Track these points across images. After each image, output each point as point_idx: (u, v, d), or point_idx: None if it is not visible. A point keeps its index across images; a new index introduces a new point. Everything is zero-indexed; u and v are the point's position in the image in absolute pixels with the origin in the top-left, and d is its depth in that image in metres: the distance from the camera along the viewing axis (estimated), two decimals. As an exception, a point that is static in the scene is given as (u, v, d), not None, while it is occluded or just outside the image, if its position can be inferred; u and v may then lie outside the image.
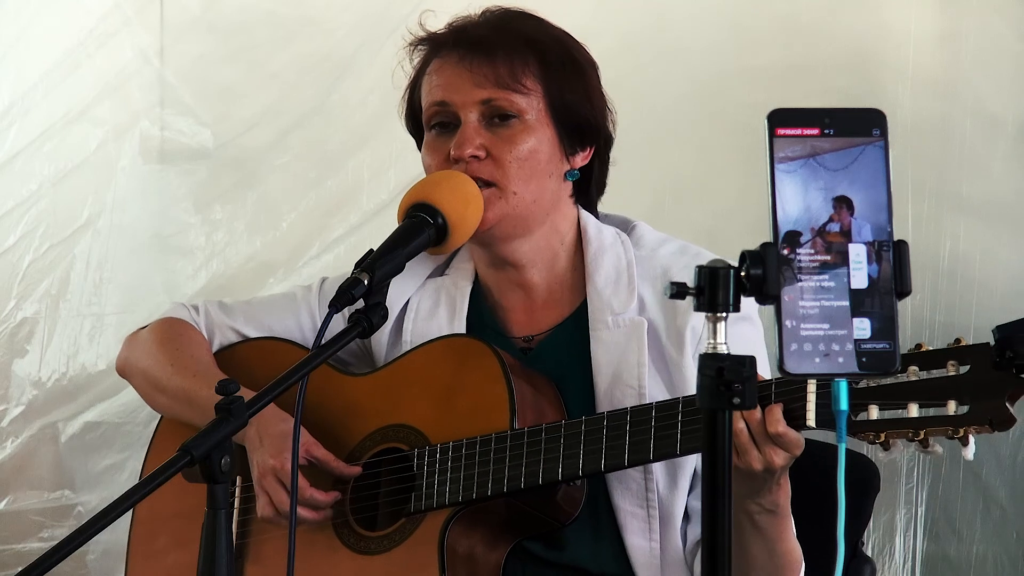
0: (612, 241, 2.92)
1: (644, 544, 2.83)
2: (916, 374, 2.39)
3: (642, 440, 2.67)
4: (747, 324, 2.80)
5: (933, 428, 2.39)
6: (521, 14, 2.93)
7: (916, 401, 2.39)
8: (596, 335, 2.87)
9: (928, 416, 2.39)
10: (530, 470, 2.74)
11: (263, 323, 3.09)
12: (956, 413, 2.37)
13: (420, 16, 2.93)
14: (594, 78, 2.92)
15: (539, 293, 2.94)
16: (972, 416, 2.36)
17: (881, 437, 2.42)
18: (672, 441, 2.65)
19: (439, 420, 2.86)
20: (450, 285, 2.99)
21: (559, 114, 2.86)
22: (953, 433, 2.38)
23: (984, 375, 2.34)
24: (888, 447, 2.43)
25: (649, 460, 2.70)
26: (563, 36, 2.93)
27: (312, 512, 2.87)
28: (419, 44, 2.93)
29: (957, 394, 2.37)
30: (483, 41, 2.86)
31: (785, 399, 2.53)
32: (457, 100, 2.85)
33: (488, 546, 2.84)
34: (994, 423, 2.35)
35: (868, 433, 2.43)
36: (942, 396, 2.38)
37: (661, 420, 2.67)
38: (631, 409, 2.71)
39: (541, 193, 2.86)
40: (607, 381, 2.84)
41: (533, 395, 2.83)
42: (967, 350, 2.37)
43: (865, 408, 2.42)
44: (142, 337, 3.13)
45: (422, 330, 2.96)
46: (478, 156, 2.83)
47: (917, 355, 2.39)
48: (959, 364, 2.36)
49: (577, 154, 2.90)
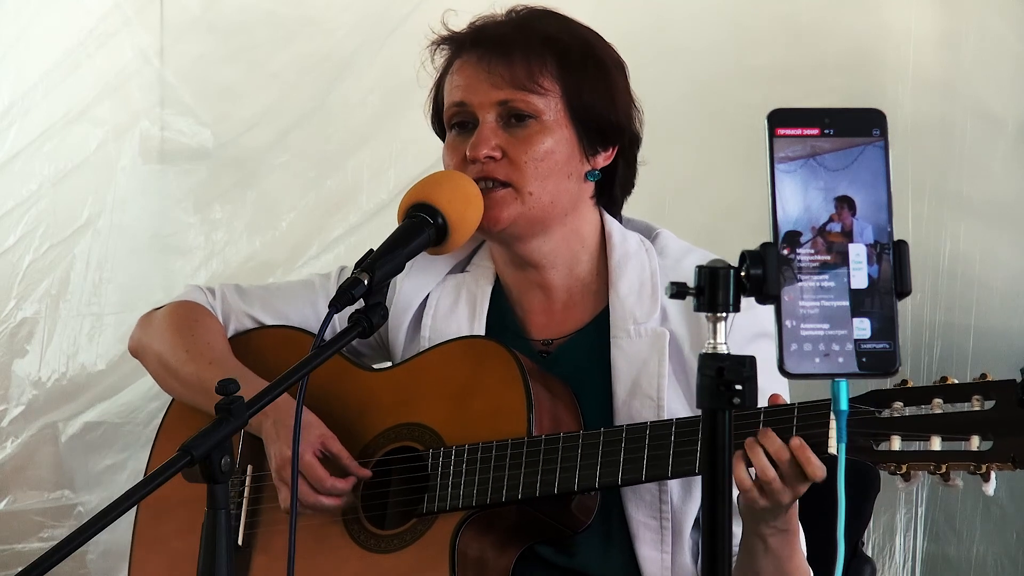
0: (637, 249, 2.90)
1: (656, 555, 2.82)
2: (940, 407, 2.39)
3: (660, 456, 2.66)
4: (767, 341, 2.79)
5: (955, 463, 2.38)
6: (544, 13, 2.91)
7: (939, 434, 2.39)
8: (617, 343, 2.85)
9: (951, 450, 2.38)
10: (546, 479, 2.73)
11: (279, 310, 3.08)
12: (979, 449, 2.36)
13: (443, 15, 2.92)
14: (619, 77, 2.90)
15: (559, 295, 2.93)
16: (995, 453, 2.35)
17: (903, 468, 2.41)
18: (692, 459, 2.63)
19: (454, 421, 2.85)
20: (471, 283, 2.98)
21: (578, 114, 2.84)
22: (975, 469, 2.37)
23: (1009, 412, 2.34)
24: (909, 478, 2.42)
25: (667, 477, 2.69)
26: (587, 35, 2.91)
27: (334, 499, 2.86)
28: (441, 44, 2.93)
29: (981, 429, 2.36)
30: (501, 41, 2.85)
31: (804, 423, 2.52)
32: (475, 101, 2.84)
33: (498, 551, 2.83)
34: (1017, 461, 2.34)
35: (890, 464, 2.42)
36: (966, 431, 2.37)
37: (681, 437, 2.65)
38: (651, 424, 2.69)
39: (558, 194, 2.84)
40: (625, 390, 2.83)
41: (550, 400, 2.82)
42: (992, 386, 2.36)
43: (887, 439, 2.41)
44: (157, 319, 3.11)
45: (442, 327, 2.95)
46: (494, 157, 2.82)
47: (942, 388, 2.39)
48: (984, 399, 2.36)
49: (599, 154, 2.88)
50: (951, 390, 2.38)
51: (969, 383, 2.38)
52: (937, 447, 2.38)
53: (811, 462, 2.50)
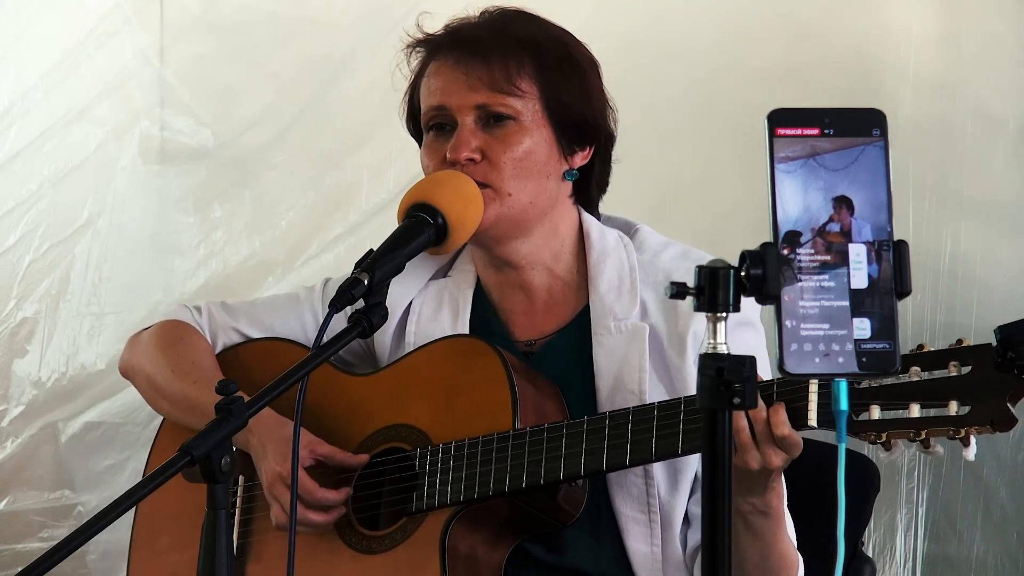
0: (615, 245, 2.92)
1: (645, 549, 2.83)
2: (918, 374, 2.39)
3: (644, 440, 2.67)
4: (748, 329, 2.81)
5: (935, 428, 2.39)
6: (519, 14, 2.92)
7: (918, 401, 2.40)
8: (598, 340, 2.87)
9: (930, 416, 2.40)
10: (532, 469, 2.74)
11: (266, 324, 3.09)
12: (958, 413, 2.38)
13: (417, 18, 2.93)
14: (594, 77, 2.92)
15: (540, 295, 2.94)
16: (973, 416, 2.36)
17: (883, 437, 2.42)
18: (674, 441, 2.65)
19: (441, 420, 2.86)
20: (452, 287, 2.99)
21: (556, 114, 2.86)
22: (955, 434, 2.38)
23: (986, 375, 2.35)
24: (889, 447, 2.43)
25: (651, 460, 2.71)
26: (561, 35, 2.92)
27: (324, 515, 2.86)
28: (417, 46, 2.93)
29: (959, 395, 2.37)
30: (478, 43, 2.85)
31: (786, 398, 2.53)
32: (453, 104, 2.85)
33: (489, 546, 2.84)
34: (995, 423, 2.35)
35: (870, 433, 2.43)
36: (944, 396, 2.38)
37: (663, 420, 2.67)
38: (633, 409, 2.71)
39: (538, 194, 2.86)
40: (608, 386, 2.84)
41: (535, 396, 2.83)
42: (969, 351, 2.37)
43: (867, 408, 2.42)
44: (144, 340, 3.13)
45: (425, 332, 2.96)
46: (473, 159, 2.83)
47: (919, 355, 2.40)
48: (961, 365, 2.37)
49: (576, 154, 2.90)
50: (928, 357, 2.39)
51: (945, 349, 2.39)
52: (916, 414, 2.39)
53: (783, 423, 2.52)
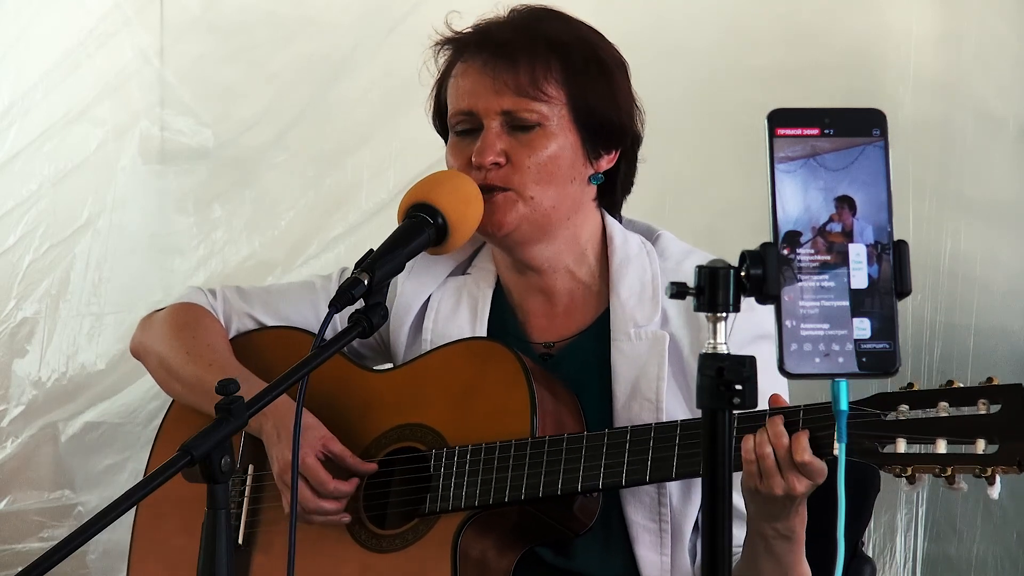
0: (638, 251, 2.90)
1: (655, 558, 2.82)
2: (946, 410, 2.39)
3: (665, 458, 2.66)
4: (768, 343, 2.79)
5: (960, 466, 2.38)
6: (547, 13, 2.90)
7: (945, 437, 2.39)
8: (617, 346, 2.85)
9: (956, 453, 2.38)
10: (549, 479, 2.73)
11: (280, 311, 3.08)
12: (985, 452, 2.37)
13: (447, 16, 2.91)
14: (621, 78, 2.89)
15: (561, 299, 2.93)
16: (1000, 456, 2.36)
17: (908, 471, 2.41)
18: (696, 461, 2.63)
19: (457, 422, 2.85)
20: (472, 285, 2.97)
21: (582, 118, 2.84)
22: (981, 472, 2.37)
23: (1015, 416, 2.34)
24: (913, 481, 2.42)
25: (671, 478, 2.70)
26: (590, 35, 2.90)
27: (336, 503, 2.86)
28: (445, 45, 2.92)
29: (986, 433, 2.36)
30: (506, 45, 2.83)
31: (812, 426, 2.52)
32: (480, 108, 2.83)
33: (500, 552, 2.83)
34: (1022, 464, 2.34)
35: (895, 467, 2.42)
36: (971, 434, 2.37)
37: (685, 439, 2.65)
38: (655, 426, 2.69)
39: (561, 199, 2.84)
40: (625, 393, 2.83)
41: (553, 402, 2.82)
42: (998, 389, 2.36)
43: (893, 441, 2.41)
44: (158, 321, 3.10)
45: (443, 330, 2.95)
46: (499, 163, 2.82)
47: (948, 392, 2.39)
48: (990, 403, 2.36)
49: (602, 157, 2.87)
50: (957, 394, 2.38)
51: (975, 387, 2.38)
52: (943, 450, 2.38)
53: (804, 450, 2.51)
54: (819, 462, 2.52)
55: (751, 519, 2.65)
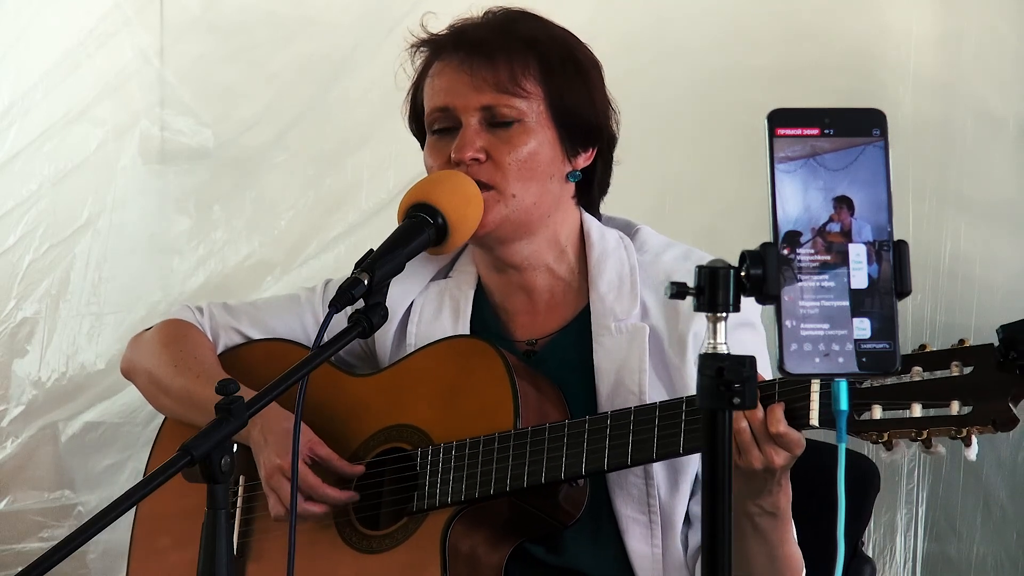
0: (615, 246, 2.92)
1: (646, 550, 2.83)
2: (919, 374, 2.39)
3: (645, 439, 2.67)
4: (748, 330, 2.81)
5: (936, 428, 2.39)
6: (523, 15, 2.92)
7: (919, 401, 2.40)
8: (598, 340, 2.87)
9: (931, 416, 2.39)
10: (533, 469, 2.74)
11: (267, 325, 3.09)
12: (959, 413, 2.37)
13: (422, 18, 2.93)
14: (597, 78, 2.92)
15: (541, 296, 2.94)
16: (975, 416, 2.36)
17: (884, 437, 2.42)
18: (676, 440, 2.65)
19: (442, 420, 2.86)
20: (453, 288, 2.99)
21: (560, 115, 2.86)
22: (956, 433, 2.38)
23: (987, 375, 2.35)
24: (891, 447, 2.43)
25: (652, 459, 2.71)
26: (565, 36, 2.92)
27: (320, 506, 2.86)
28: (421, 46, 2.93)
29: (960, 394, 2.37)
30: (483, 43, 2.85)
31: (788, 398, 2.53)
32: (458, 104, 2.84)
33: (490, 547, 2.84)
34: (997, 423, 2.35)
35: (871, 433, 2.43)
36: (945, 396, 2.38)
37: (665, 419, 2.67)
38: (635, 408, 2.71)
39: (541, 195, 2.86)
40: (609, 386, 2.85)
41: (536, 396, 2.83)
42: (970, 351, 2.37)
43: (868, 408, 2.42)
44: (146, 339, 3.13)
45: (426, 333, 2.96)
46: (478, 159, 2.82)
47: (921, 355, 2.40)
48: (963, 365, 2.37)
49: (579, 155, 2.90)
50: (930, 357, 2.39)
51: (947, 349, 2.39)
52: (918, 414, 2.39)
53: (779, 421, 2.52)
54: (795, 432, 2.54)
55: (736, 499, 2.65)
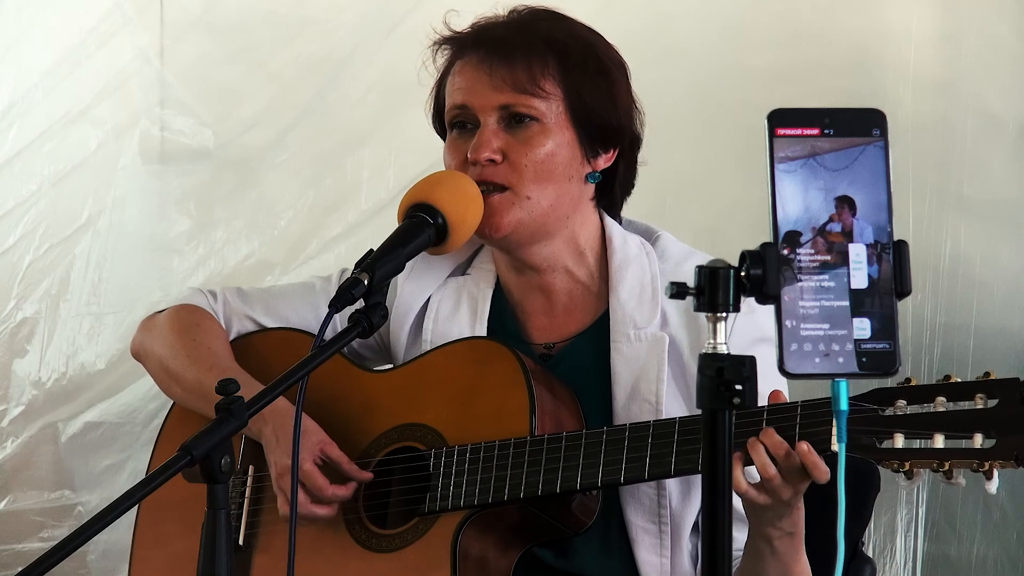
0: (637, 252, 2.90)
1: (655, 560, 2.82)
2: (943, 405, 2.39)
3: (663, 455, 2.66)
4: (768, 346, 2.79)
5: (958, 460, 2.38)
6: (546, 13, 2.90)
7: (942, 432, 2.39)
8: (617, 347, 2.85)
9: (954, 448, 2.39)
10: (548, 477, 2.73)
11: (280, 313, 3.08)
12: (982, 446, 2.37)
13: (445, 16, 2.92)
14: (620, 78, 2.89)
15: (560, 299, 2.93)
16: (998, 451, 2.36)
17: (906, 466, 2.41)
18: (694, 458, 2.63)
19: (457, 421, 2.85)
20: (472, 286, 2.97)
21: (580, 116, 2.84)
22: (978, 467, 2.37)
23: (1012, 409, 2.34)
24: (911, 476, 2.42)
25: (670, 475, 2.69)
26: (588, 36, 2.90)
27: (327, 508, 2.86)
28: (443, 44, 2.92)
29: (984, 427, 2.36)
30: (503, 42, 2.84)
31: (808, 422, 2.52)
32: (476, 103, 2.83)
33: (500, 551, 2.83)
34: (1020, 458, 2.34)
35: (892, 462, 2.42)
36: (969, 429, 2.37)
37: (683, 436, 2.65)
38: (654, 423, 2.69)
39: (558, 197, 2.84)
40: (625, 394, 2.83)
41: (552, 402, 2.82)
42: (996, 384, 2.36)
43: (890, 436, 2.41)
44: (159, 323, 3.10)
45: (443, 330, 2.95)
46: (495, 159, 2.82)
47: (945, 386, 2.39)
48: (987, 397, 2.36)
49: (599, 156, 2.87)
50: (954, 388, 2.39)
51: (972, 381, 2.38)
52: (940, 445, 2.39)
53: (817, 467, 2.50)
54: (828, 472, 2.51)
55: (757, 526, 2.64)
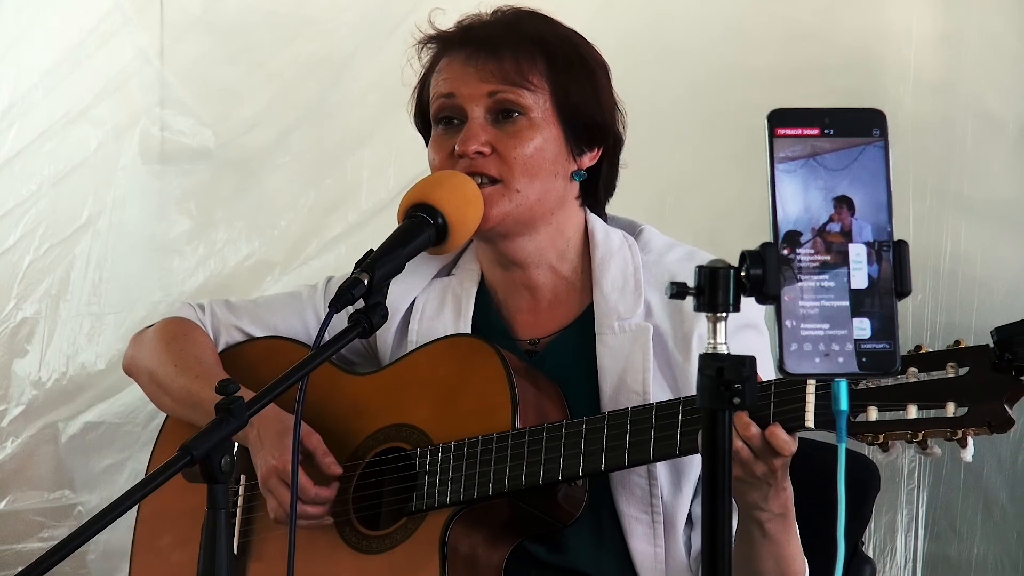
0: (619, 245, 2.92)
1: (648, 549, 2.83)
2: (915, 375, 2.39)
3: (642, 440, 2.67)
4: (752, 331, 2.80)
5: (932, 429, 2.39)
6: (531, 14, 2.93)
7: (915, 402, 2.39)
8: (602, 340, 2.86)
9: (927, 418, 2.40)
10: (531, 470, 2.74)
11: (268, 323, 3.09)
12: (955, 415, 2.37)
13: (430, 14, 2.93)
14: (604, 79, 2.91)
15: (544, 295, 2.94)
16: (971, 418, 2.36)
17: (880, 438, 2.42)
18: (672, 442, 2.65)
19: (441, 420, 2.86)
20: (456, 285, 2.99)
21: (566, 114, 2.86)
22: (952, 435, 2.38)
23: (983, 377, 2.35)
24: (887, 448, 2.43)
25: (649, 460, 2.70)
26: (573, 36, 2.92)
27: (319, 508, 2.86)
28: (428, 42, 2.93)
29: (956, 396, 2.37)
30: (490, 39, 2.86)
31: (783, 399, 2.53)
32: (464, 93, 2.84)
33: (489, 547, 2.84)
34: (993, 425, 2.35)
35: (867, 434, 2.43)
36: (941, 398, 2.38)
37: (661, 420, 2.67)
38: (632, 409, 2.71)
39: (546, 192, 2.85)
40: (612, 386, 2.84)
41: (536, 396, 2.83)
42: (966, 352, 2.37)
43: (864, 409, 2.42)
44: (147, 337, 3.13)
45: (428, 330, 2.96)
46: (483, 152, 2.83)
47: (916, 357, 2.40)
48: (958, 366, 2.37)
49: (584, 155, 2.89)
50: (925, 358, 2.39)
51: (943, 350, 2.39)
52: (913, 415, 2.39)
53: (785, 446, 2.52)
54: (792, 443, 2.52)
55: (745, 509, 2.65)
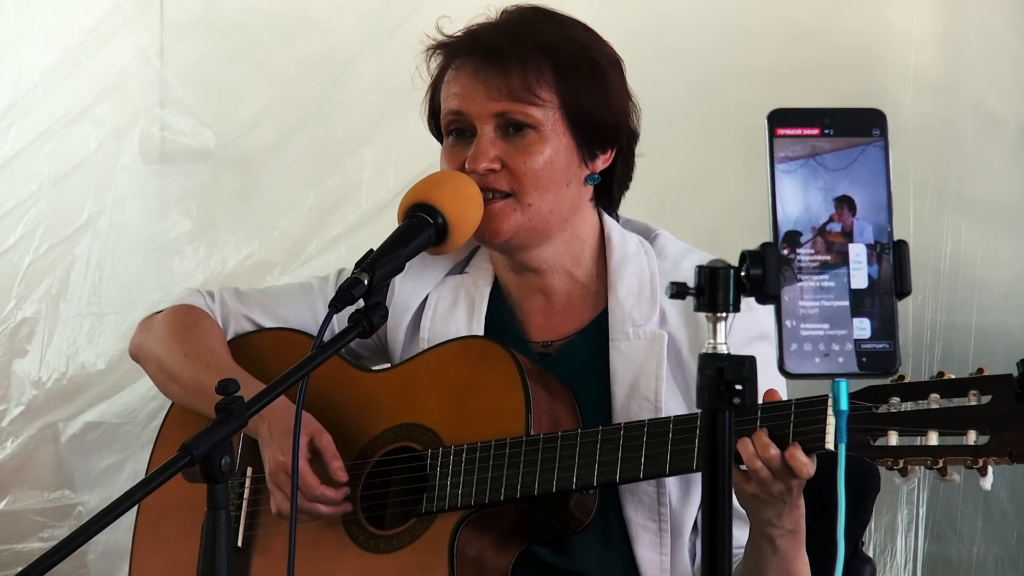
0: (636, 251, 2.90)
1: (655, 557, 2.82)
2: (937, 402, 2.39)
3: (659, 454, 2.66)
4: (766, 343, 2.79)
5: (952, 457, 2.38)
6: (538, 15, 2.89)
7: (936, 429, 2.38)
8: (615, 345, 2.85)
9: (948, 445, 2.38)
10: (544, 477, 2.73)
11: (278, 313, 3.08)
12: (976, 443, 2.36)
13: (437, 21, 2.91)
14: (615, 76, 2.88)
15: (559, 298, 2.93)
16: (992, 447, 2.35)
17: (900, 464, 2.41)
18: (689, 457, 2.63)
19: (453, 421, 2.85)
20: (470, 284, 2.97)
21: (576, 120, 2.83)
22: (972, 463, 2.37)
23: (1005, 406, 2.34)
24: (906, 473, 2.42)
25: (665, 474, 2.69)
26: (581, 35, 2.89)
27: (327, 507, 2.86)
28: (436, 50, 2.91)
29: (977, 424, 2.36)
30: (497, 51, 2.82)
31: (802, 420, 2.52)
32: (473, 111, 2.83)
33: (497, 550, 2.83)
34: (1014, 455, 2.34)
35: (886, 459, 2.42)
36: (962, 425, 2.37)
37: (679, 435, 2.65)
38: (648, 422, 2.69)
39: (558, 203, 2.84)
40: (624, 392, 2.83)
41: (549, 401, 2.82)
42: (989, 380, 2.36)
43: (884, 434, 2.41)
44: (157, 323, 3.11)
45: (440, 328, 2.95)
46: (493, 169, 2.81)
47: (939, 383, 2.39)
48: (981, 394, 2.36)
49: (597, 158, 2.87)
50: (948, 385, 2.39)
51: (966, 378, 2.38)
52: (934, 442, 2.39)
53: (804, 468, 2.51)
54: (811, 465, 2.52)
55: (757, 525, 2.65)
